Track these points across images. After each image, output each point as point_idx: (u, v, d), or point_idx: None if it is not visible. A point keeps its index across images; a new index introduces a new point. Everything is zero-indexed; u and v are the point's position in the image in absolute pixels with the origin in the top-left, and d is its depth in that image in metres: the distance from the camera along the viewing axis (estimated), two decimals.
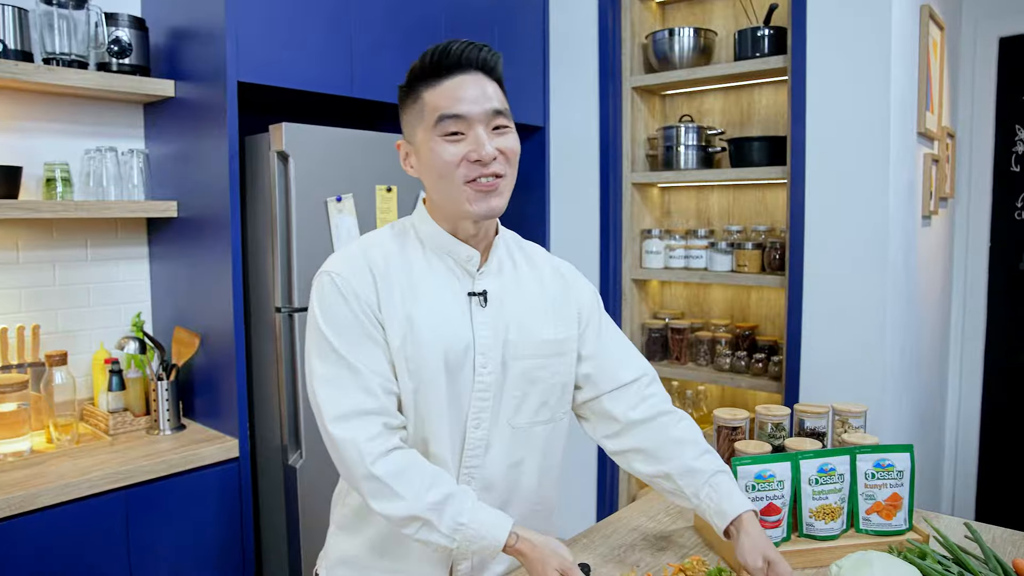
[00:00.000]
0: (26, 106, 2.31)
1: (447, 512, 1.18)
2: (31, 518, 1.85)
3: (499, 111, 1.25)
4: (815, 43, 2.52)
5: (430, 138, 1.25)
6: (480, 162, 1.22)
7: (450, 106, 1.22)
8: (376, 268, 1.27)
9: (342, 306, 1.24)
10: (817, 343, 2.59)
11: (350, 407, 1.20)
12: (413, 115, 1.29)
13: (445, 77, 1.24)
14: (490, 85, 1.26)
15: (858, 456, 1.47)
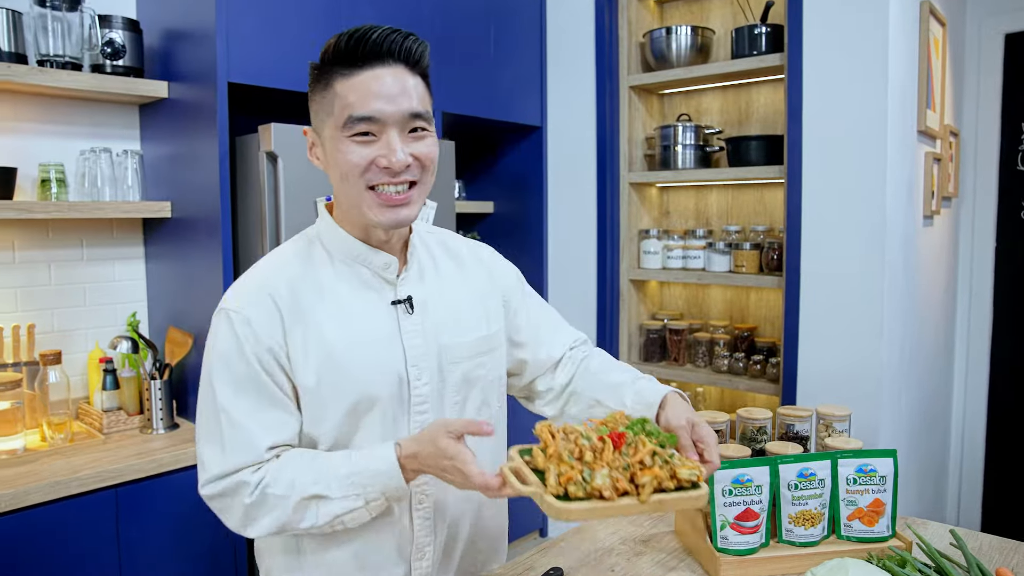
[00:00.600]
0: (21, 107, 2.33)
1: (323, 478, 1.10)
2: (21, 515, 1.87)
3: (418, 114, 1.12)
4: (812, 40, 2.49)
5: (337, 136, 1.12)
6: (389, 170, 1.11)
7: (362, 105, 1.09)
8: (280, 298, 1.15)
9: (235, 352, 1.13)
10: (814, 344, 2.57)
11: (229, 466, 1.11)
12: (322, 105, 1.15)
13: (361, 68, 1.10)
14: (412, 80, 1.13)
15: (840, 461, 1.44)
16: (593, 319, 3.23)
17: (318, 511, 1.10)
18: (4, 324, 2.31)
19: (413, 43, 1.13)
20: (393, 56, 1.11)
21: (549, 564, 1.38)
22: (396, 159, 1.10)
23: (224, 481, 1.12)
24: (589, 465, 1.04)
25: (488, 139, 3.55)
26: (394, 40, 1.11)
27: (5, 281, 2.33)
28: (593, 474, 1.02)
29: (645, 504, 1.02)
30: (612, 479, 1.02)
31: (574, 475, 1.02)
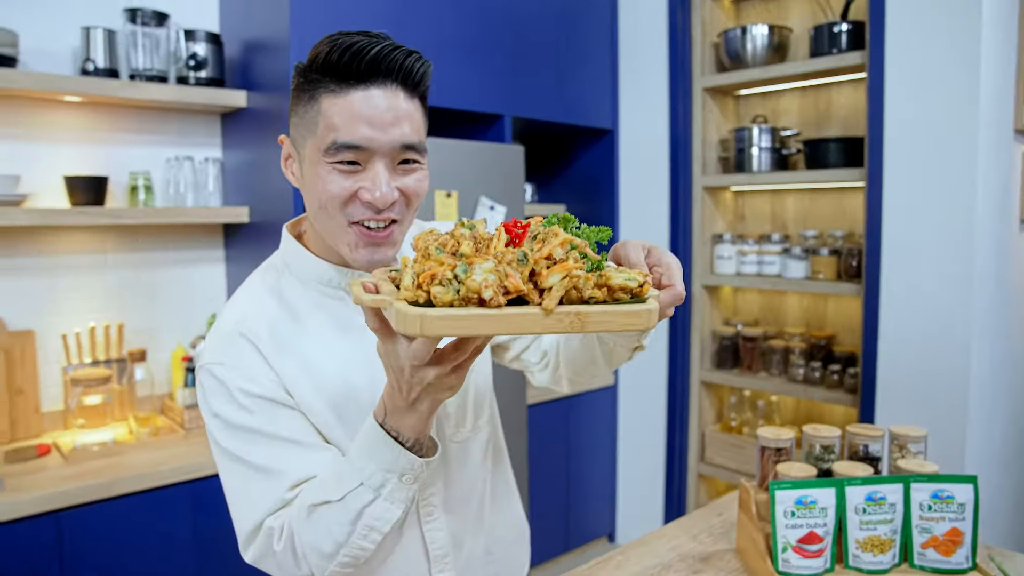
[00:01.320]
0: (113, 119, 2.46)
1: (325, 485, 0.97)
2: (107, 505, 1.98)
3: (411, 145, 0.99)
4: (896, 36, 2.38)
5: (318, 160, 0.98)
6: (372, 205, 0.98)
7: (349, 131, 0.95)
8: (258, 338, 1.05)
9: (229, 404, 1.02)
10: (896, 357, 2.45)
11: (257, 517, 1.02)
12: (304, 118, 1.00)
13: (353, 87, 0.95)
14: (408, 104, 0.99)
15: (913, 485, 1.37)
16: (664, 325, 3.18)
17: (330, 520, 0.95)
18: (97, 323, 2.45)
19: (415, 62, 0.99)
20: (391, 76, 0.97)
21: None
22: (381, 194, 0.97)
23: (256, 539, 1.02)
24: (466, 259, 0.72)
25: (560, 142, 3.54)
26: (394, 58, 0.96)
27: (99, 282, 2.47)
28: (470, 268, 0.70)
29: (553, 316, 0.69)
30: (499, 275, 0.70)
31: (441, 271, 0.70)
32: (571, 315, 0.69)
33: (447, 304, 0.69)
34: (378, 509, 0.94)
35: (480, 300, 0.69)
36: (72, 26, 2.33)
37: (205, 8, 2.61)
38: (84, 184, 2.28)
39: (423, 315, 0.67)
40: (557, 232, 0.76)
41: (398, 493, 0.95)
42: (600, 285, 0.73)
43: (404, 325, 0.69)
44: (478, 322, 0.68)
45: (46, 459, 2.14)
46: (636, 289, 0.73)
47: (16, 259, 2.32)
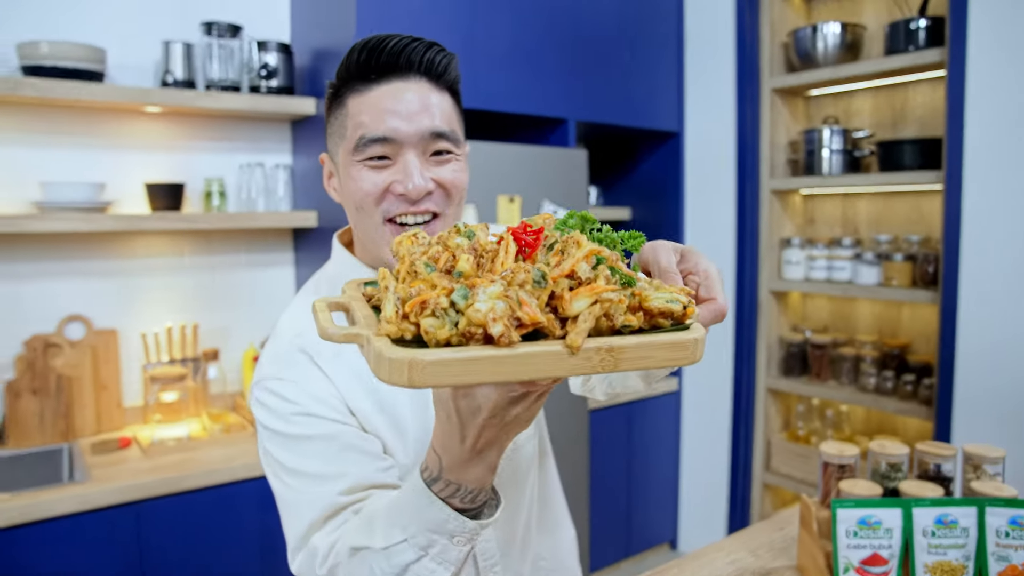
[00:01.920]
0: (189, 127, 2.57)
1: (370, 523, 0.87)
2: (182, 497, 2.08)
3: (440, 133, 0.96)
4: (978, 32, 2.27)
5: (350, 161, 0.97)
6: (405, 197, 0.95)
7: (376, 124, 0.94)
8: (319, 354, 1.00)
9: (284, 417, 0.97)
10: (975, 368, 2.34)
11: (303, 526, 0.95)
12: (336, 127, 1.01)
13: (376, 83, 0.95)
14: (436, 96, 0.97)
15: (988, 509, 1.31)
16: (731, 331, 3.12)
17: (373, 567, 0.83)
18: (174, 323, 2.56)
19: (436, 54, 0.98)
20: (413, 68, 0.96)
21: None
22: (413, 184, 0.94)
23: (302, 550, 0.96)
24: (466, 280, 0.55)
25: (625, 145, 3.51)
26: (414, 50, 0.96)
27: (176, 284, 2.58)
28: (472, 293, 0.53)
29: (579, 355, 0.53)
30: (510, 302, 0.53)
31: (433, 298, 0.54)
32: (602, 351, 0.55)
33: (443, 342, 0.53)
34: (424, 569, 0.81)
35: (486, 335, 0.53)
36: (154, 40, 2.44)
37: (277, 19, 2.70)
38: (163, 191, 2.39)
39: (412, 360, 0.51)
40: (580, 241, 0.58)
41: (448, 554, 0.80)
42: (634, 309, 0.58)
43: (388, 373, 0.52)
44: (485, 367, 0.52)
45: (126, 452, 2.25)
46: (678, 312, 0.59)
47: (101, 262, 2.45)
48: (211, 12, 2.54)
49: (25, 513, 1.85)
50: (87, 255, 2.43)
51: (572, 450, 2.77)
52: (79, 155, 2.39)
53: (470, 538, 0.80)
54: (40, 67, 2.16)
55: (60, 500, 1.90)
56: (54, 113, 2.34)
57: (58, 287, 2.39)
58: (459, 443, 0.74)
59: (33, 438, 2.31)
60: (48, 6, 2.30)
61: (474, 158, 2.47)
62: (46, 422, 2.33)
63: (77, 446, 2.30)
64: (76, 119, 2.38)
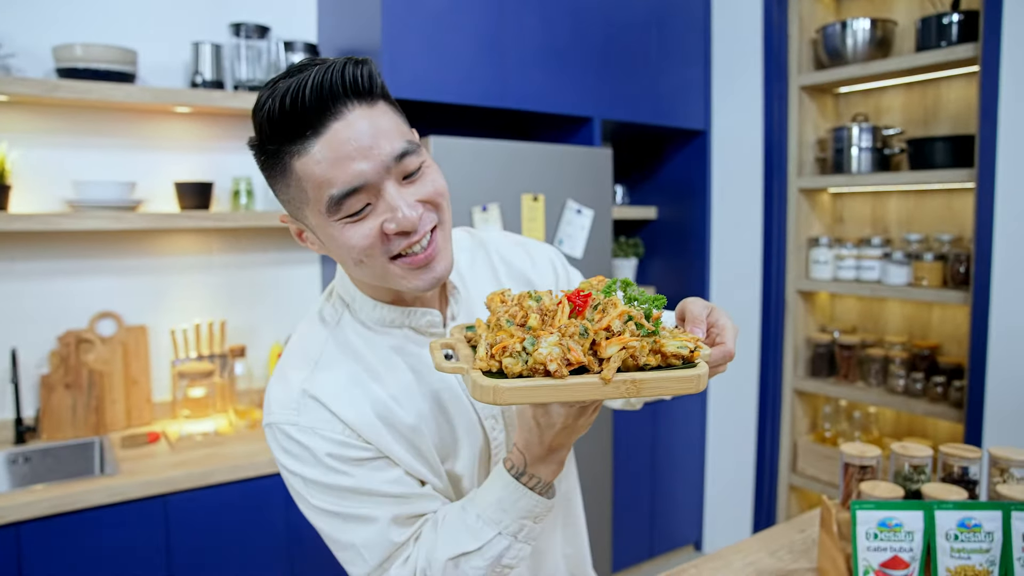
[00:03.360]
0: (218, 127, 2.61)
1: (456, 534, 0.98)
2: (208, 491, 2.11)
3: (404, 152, 0.89)
4: (1012, 26, 2.21)
5: (326, 223, 0.90)
6: (402, 233, 0.90)
7: (339, 178, 0.86)
8: (329, 398, 0.99)
9: (311, 463, 0.98)
10: (1007, 370, 2.28)
11: (374, 562, 0.99)
12: (291, 192, 0.91)
13: (313, 136, 0.85)
14: (376, 114, 0.89)
15: (1014, 514, 1.28)
16: (757, 330, 3.09)
17: (469, 567, 0.97)
18: (202, 320, 2.60)
19: (354, 68, 0.87)
20: (340, 98, 0.86)
21: None
22: (404, 216, 0.88)
23: None
24: (533, 332, 0.78)
25: (651, 144, 3.49)
26: (333, 80, 0.85)
27: (205, 281, 2.63)
28: (537, 341, 0.76)
29: (611, 385, 0.75)
30: (563, 348, 0.76)
31: (511, 344, 0.77)
32: (627, 382, 0.76)
33: (516, 374, 0.77)
34: (515, 551, 0.99)
35: (546, 371, 0.75)
36: (184, 42, 2.49)
37: (304, 20, 2.73)
38: (192, 189, 2.43)
39: (496, 386, 0.75)
40: (616, 303, 0.82)
41: (533, 533, 0.99)
42: (655, 351, 0.79)
43: (479, 394, 0.76)
44: (544, 392, 0.75)
45: (155, 446, 2.30)
46: (687, 355, 0.80)
47: (132, 259, 2.51)
48: (239, 14, 2.58)
49: (58, 504, 1.90)
50: (118, 253, 2.49)
51: (595, 450, 2.77)
52: (111, 155, 2.44)
53: (543, 517, 0.99)
54: (74, 69, 2.21)
55: (91, 492, 1.95)
56: (87, 114, 2.40)
57: (90, 284, 2.45)
58: (539, 445, 0.94)
59: (66, 431, 2.36)
60: (81, 9, 2.35)
61: (499, 156, 2.47)
62: (78, 416, 2.39)
63: (108, 440, 2.35)
64: (108, 120, 2.43)
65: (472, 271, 1.17)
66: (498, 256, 1.21)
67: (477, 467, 1.10)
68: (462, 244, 1.20)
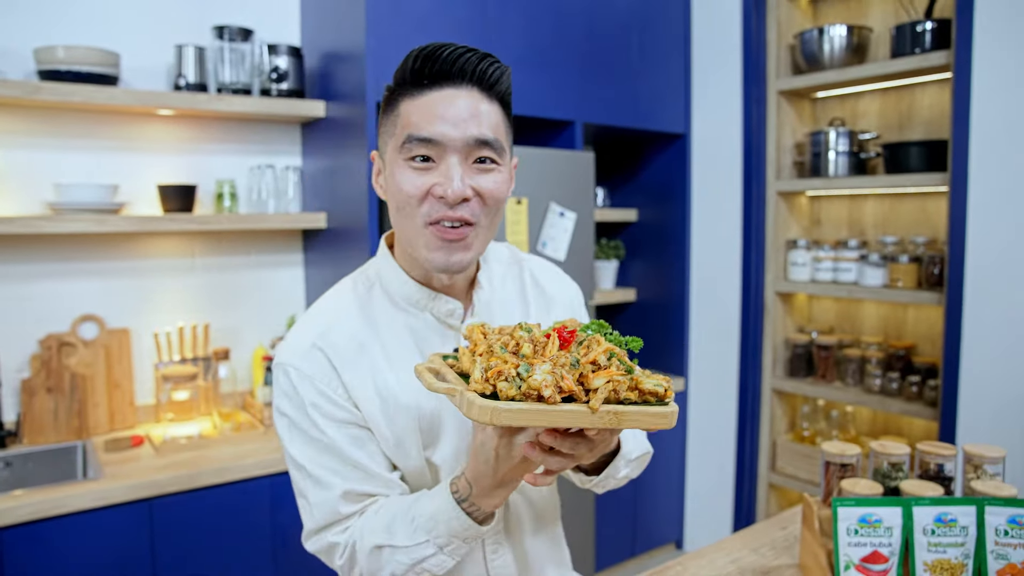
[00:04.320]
0: (201, 130, 2.60)
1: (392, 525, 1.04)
2: (194, 494, 2.11)
3: (485, 141, 1.00)
4: (984, 35, 2.27)
5: (396, 159, 1.02)
6: (444, 200, 0.99)
7: (423, 126, 0.98)
8: (333, 353, 1.07)
9: (298, 409, 1.07)
10: (980, 369, 2.34)
11: (318, 523, 1.08)
12: (387, 126, 1.05)
13: (428, 88, 1.00)
14: (486, 105, 1.01)
15: (987, 508, 1.32)
16: (736, 332, 3.14)
17: (392, 559, 1.03)
18: (185, 323, 2.59)
19: (489, 65, 1.01)
20: (465, 77, 1.00)
21: None
22: (452, 188, 0.98)
23: (317, 540, 1.10)
24: (527, 359, 0.84)
25: (632, 147, 3.52)
26: (468, 60, 1.00)
27: (187, 284, 2.62)
28: (532, 368, 0.82)
29: (596, 414, 0.81)
30: (556, 376, 0.81)
31: (506, 369, 0.82)
32: (611, 413, 0.82)
33: (510, 397, 0.81)
34: (438, 560, 1.03)
35: (539, 396, 0.80)
36: (166, 44, 2.48)
37: (287, 23, 2.73)
38: (175, 192, 2.42)
39: (494, 407, 0.79)
40: (600, 341, 0.88)
41: (460, 551, 1.03)
42: (632, 388, 0.85)
43: (476, 413, 0.80)
44: (538, 416, 0.80)
45: (139, 450, 2.29)
46: (662, 393, 0.87)
47: (114, 262, 2.49)
48: (222, 16, 2.58)
49: (41, 509, 1.89)
50: (100, 256, 2.47)
51: None
52: (93, 157, 2.43)
53: (474, 540, 1.03)
54: (56, 71, 2.19)
55: (75, 496, 1.93)
56: (69, 116, 2.38)
57: (72, 287, 2.43)
58: (491, 477, 0.95)
59: (48, 436, 2.35)
60: (62, 11, 2.34)
61: None
62: (60, 420, 2.37)
63: (91, 444, 2.34)
64: (90, 122, 2.41)
65: (503, 281, 1.24)
66: (530, 275, 1.29)
67: (460, 462, 1.14)
68: (500, 256, 1.28)
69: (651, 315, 3.44)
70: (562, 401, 0.81)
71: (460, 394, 0.82)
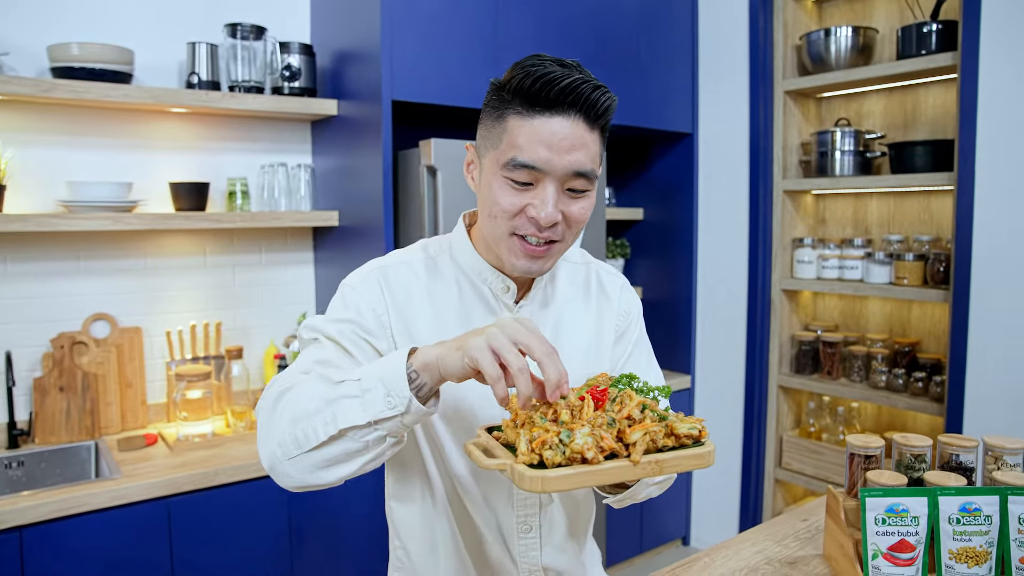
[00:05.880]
0: (213, 128, 2.60)
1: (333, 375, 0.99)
2: (212, 492, 2.11)
3: (582, 173, 1.05)
4: (990, 36, 2.31)
5: (496, 171, 1.07)
6: (535, 221, 1.06)
7: (529, 152, 1.03)
8: (390, 286, 1.16)
9: (342, 308, 1.14)
10: (986, 365, 2.38)
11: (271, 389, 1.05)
12: (491, 131, 1.09)
13: (540, 113, 1.03)
14: (589, 135, 1.06)
15: (1010, 498, 1.35)
16: (743, 329, 3.16)
17: (315, 392, 0.96)
18: (197, 321, 2.59)
19: (600, 95, 1.05)
20: (576, 106, 1.03)
21: None
22: (545, 214, 1.04)
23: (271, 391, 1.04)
24: (567, 425, 0.90)
25: (639, 146, 3.55)
26: (581, 91, 1.03)
27: (198, 283, 2.62)
28: (572, 434, 0.87)
29: (639, 466, 0.87)
30: (596, 438, 0.88)
31: (549, 438, 0.88)
32: (652, 463, 0.89)
33: (556, 464, 0.86)
34: (349, 405, 0.94)
35: (583, 459, 0.86)
36: (179, 42, 2.48)
37: (297, 21, 2.74)
38: (187, 190, 2.42)
39: (544, 477, 0.85)
40: (631, 395, 0.95)
41: (374, 406, 0.92)
42: (668, 434, 0.91)
43: (528, 484, 0.85)
44: (586, 477, 0.86)
45: (153, 448, 2.29)
46: (696, 435, 0.92)
47: (126, 260, 2.49)
48: (235, 14, 2.58)
49: (60, 508, 1.88)
50: (112, 254, 2.47)
51: None
52: (105, 155, 2.43)
53: (397, 405, 0.93)
54: (70, 68, 2.19)
55: (94, 495, 1.93)
56: (82, 114, 2.38)
57: (84, 286, 2.42)
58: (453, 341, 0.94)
59: (60, 435, 2.34)
60: (75, 8, 2.33)
61: None
62: (72, 419, 2.37)
63: (103, 443, 2.33)
64: (103, 120, 2.41)
65: (569, 276, 1.31)
66: (596, 276, 1.35)
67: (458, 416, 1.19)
68: (572, 255, 1.34)
69: (657, 313, 3.46)
70: (605, 459, 0.88)
71: (511, 468, 0.88)
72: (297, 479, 0.98)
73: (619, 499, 1.22)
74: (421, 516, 1.26)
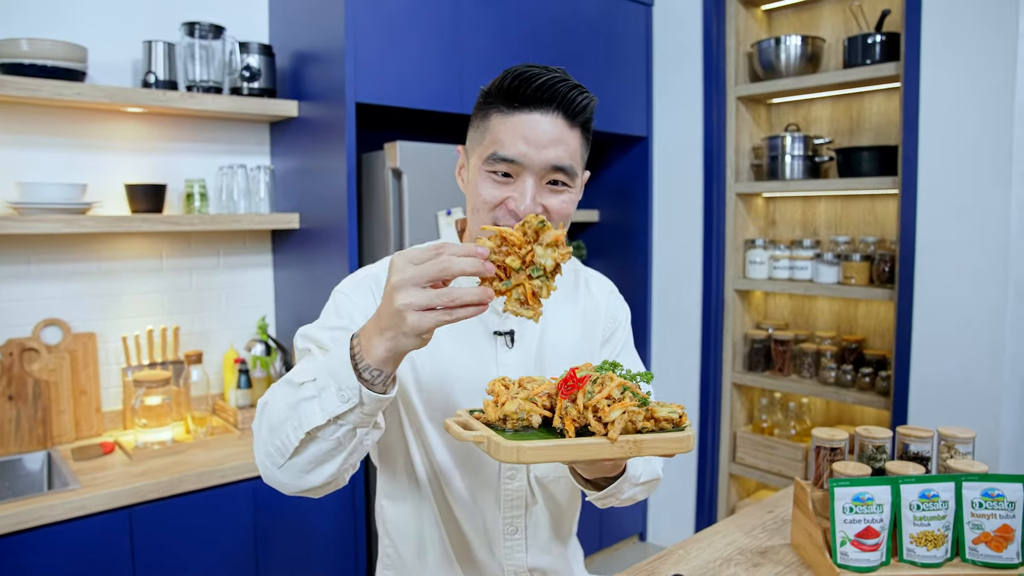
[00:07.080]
0: (170, 128, 2.55)
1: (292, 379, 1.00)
2: (175, 500, 2.07)
3: (561, 167, 1.09)
4: (930, 48, 2.44)
5: (479, 167, 1.12)
6: (515, 214, 1.08)
7: (508, 146, 1.08)
8: (380, 288, 1.16)
9: (332, 314, 1.15)
10: (928, 360, 2.51)
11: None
12: (476, 133, 1.15)
13: (519, 110, 1.08)
14: (568, 131, 1.09)
15: (964, 484, 1.44)
16: (697, 328, 3.25)
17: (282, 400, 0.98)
18: (154, 326, 2.53)
19: (577, 94, 1.10)
20: (554, 103, 1.08)
21: (670, 571, 1.44)
22: (523, 206, 1.07)
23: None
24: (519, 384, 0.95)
25: (595, 149, 3.60)
26: (559, 89, 1.08)
27: (154, 286, 2.56)
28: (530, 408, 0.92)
29: (616, 444, 0.88)
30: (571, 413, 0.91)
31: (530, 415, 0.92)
32: (630, 443, 0.89)
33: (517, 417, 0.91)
34: (309, 407, 0.94)
35: (560, 434, 0.90)
36: (135, 40, 2.42)
37: (254, 21, 2.70)
38: (144, 192, 2.36)
39: (519, 447, 0.86)
40: (612, 377, 0.94)
41: (330, 404, 0.93)
42: (648, 417, 0.92)
43: (504, 455, 0.86)
44: (560, 451, 0.87)
45: (110, 457, 2.22)
46: (676, 420, 0.94)
47: (79, 264, 2.41)
48: (193, 13, 2.53)
49: (16, 522, 1.82)
50: (65, 257, 2.39)
51: None
52: (59, 155, 2.35)
53: (349, 398, 0.92)
54: (19, 65, 2.12)
55: (51, 507, 1.87)
56: (33, 112, 2.30)
57: (35, 290, 2.34)
58: (372, 323, 0.92)
59: (8, 445, 2.26)
60: (28, 4, 2.25)
61: (449, 162, 2.52)
62: (23, 428, 2.28)
63: (56, 452, 2.26)
64: (56, 118, 2.33)
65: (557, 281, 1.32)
66: (584, 281, 1.38)
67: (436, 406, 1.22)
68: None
69: None
70: (579, 435, 0.89)
71: (488, 440, 0.89)
72: (291, 485, 1.02)
73: (601, 497, 1.24)
74: (410, 515, 1.28)
